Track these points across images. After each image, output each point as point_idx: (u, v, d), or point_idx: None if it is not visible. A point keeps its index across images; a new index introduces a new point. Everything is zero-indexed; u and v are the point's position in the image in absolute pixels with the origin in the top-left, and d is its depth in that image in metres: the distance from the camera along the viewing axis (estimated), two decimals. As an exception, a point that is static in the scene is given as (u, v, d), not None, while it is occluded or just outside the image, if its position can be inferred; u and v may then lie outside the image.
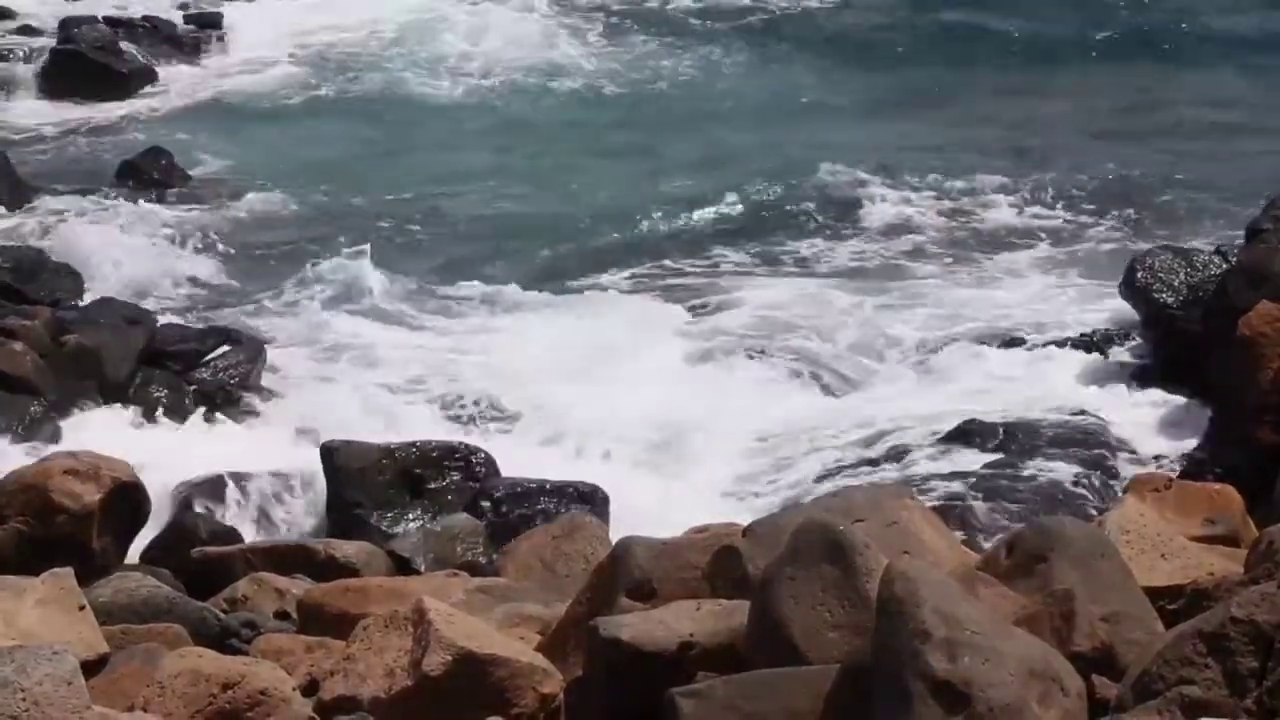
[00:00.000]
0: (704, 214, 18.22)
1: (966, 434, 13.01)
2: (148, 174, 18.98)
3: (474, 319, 15.69)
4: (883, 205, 18.33)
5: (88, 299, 15.05)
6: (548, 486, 11.52)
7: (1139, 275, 14.09)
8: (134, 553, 10.04)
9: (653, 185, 19.09)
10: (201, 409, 13.46)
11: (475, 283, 16.35)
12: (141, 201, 18.20)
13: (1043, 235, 17.56)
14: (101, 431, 12.59)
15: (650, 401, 13.67)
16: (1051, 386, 13.95)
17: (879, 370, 14.42)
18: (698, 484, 12.61)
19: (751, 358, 14.67)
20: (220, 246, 17.23)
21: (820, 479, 12.58)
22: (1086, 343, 14.69)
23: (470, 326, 15.55)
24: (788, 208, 18.30)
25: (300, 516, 11.99)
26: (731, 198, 18.54)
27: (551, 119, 21.95)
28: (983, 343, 14.87)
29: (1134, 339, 14.54)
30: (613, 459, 12.90)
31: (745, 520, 7.07)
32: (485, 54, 24.37)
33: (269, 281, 16.49)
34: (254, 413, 13.65)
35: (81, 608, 6.93)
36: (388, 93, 23.14)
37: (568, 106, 22.54)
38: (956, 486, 12.34)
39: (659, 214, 18.19)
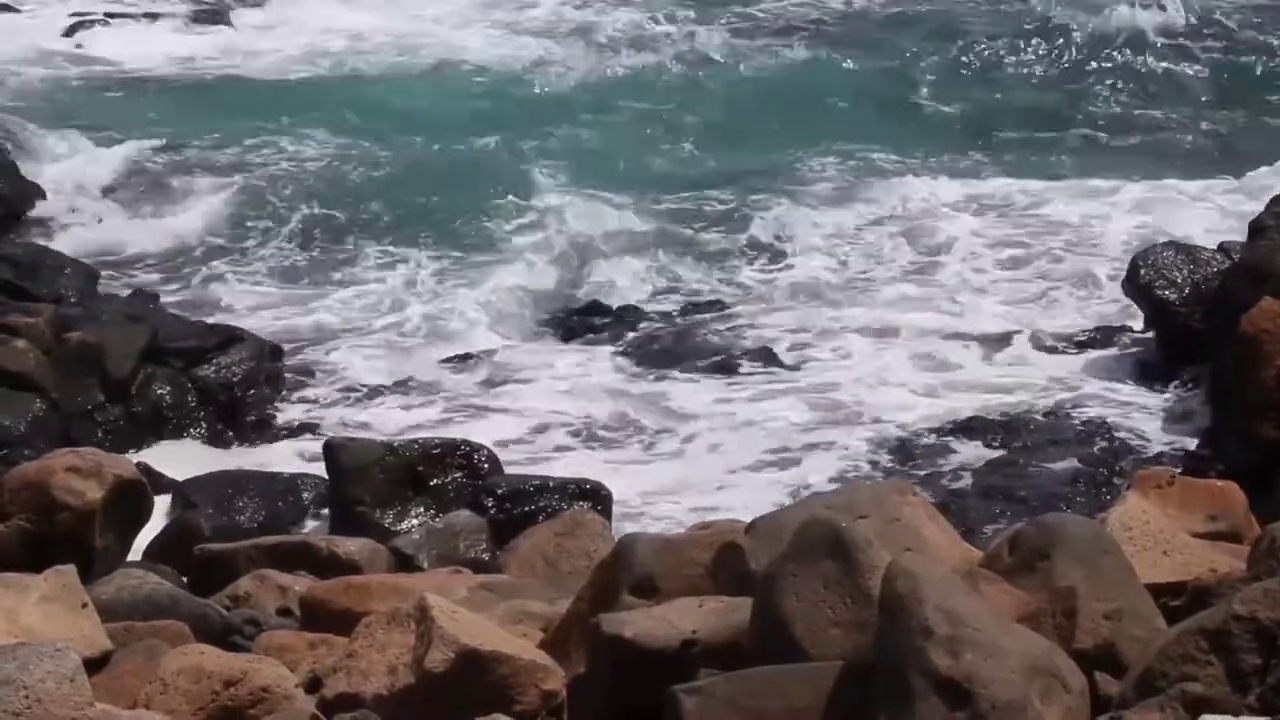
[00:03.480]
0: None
1: (969, 430, 13.03)
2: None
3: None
4: (882, 194, 18.32)
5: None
6: (550, 483, 11.52)
7: (1142, 272, 14.10)
8: (136, 549, 10.04)
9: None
10: (204, 407, 13.48)
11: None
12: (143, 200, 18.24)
13: (1043, 228, 17.54)
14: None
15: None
16: (1054, 383, 13.94)
17: (879, 368, 14.39)
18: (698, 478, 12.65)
19: (752, 350, 14.66)
20: (222, 244, 17.22)
21: (823, 476, 12.58)
22: (1089, 339, 14.69)
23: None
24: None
25: (302, 513, 12.00)
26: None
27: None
28: (984, 339, 14.87)
29: (1136, 335, 14.54)
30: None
31: (748, 517, 7.07)
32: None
33: (277, 278, 16.51)
34: (256, 410, 13.64)
35: (84, 605, 6.93)
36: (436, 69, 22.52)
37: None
38: (959, 483, 12.35)
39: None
